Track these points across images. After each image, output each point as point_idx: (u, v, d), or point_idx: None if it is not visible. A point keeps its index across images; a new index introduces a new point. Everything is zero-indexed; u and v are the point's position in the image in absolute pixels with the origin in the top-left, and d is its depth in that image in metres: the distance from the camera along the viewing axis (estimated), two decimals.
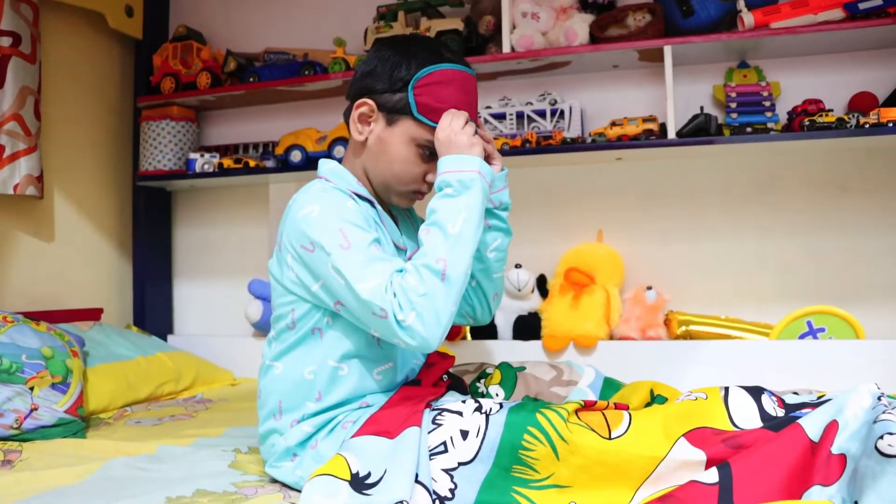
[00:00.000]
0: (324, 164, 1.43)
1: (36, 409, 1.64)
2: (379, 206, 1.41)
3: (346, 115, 1.43)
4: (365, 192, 1.39)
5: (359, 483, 1.13)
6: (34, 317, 1.90)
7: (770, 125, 2.06)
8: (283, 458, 1.32)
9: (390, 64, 1.35)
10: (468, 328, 2.29)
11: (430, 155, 1.37)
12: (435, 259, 1.21)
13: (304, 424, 1.31)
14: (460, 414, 1.22)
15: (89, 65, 2.63)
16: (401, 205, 1.45)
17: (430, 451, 1.19)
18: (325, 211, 1.27)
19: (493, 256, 1.50)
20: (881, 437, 0.96)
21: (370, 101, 1.37)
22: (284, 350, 1.34)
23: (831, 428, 1.01)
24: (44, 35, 2.38)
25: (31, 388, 1.67)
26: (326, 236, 1.24)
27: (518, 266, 2.25)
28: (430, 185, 1.39)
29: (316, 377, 1.31)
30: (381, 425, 1.22)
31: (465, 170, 1.28)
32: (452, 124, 1.31)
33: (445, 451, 1.18)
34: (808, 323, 2.06)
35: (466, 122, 1.32)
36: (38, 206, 2.39)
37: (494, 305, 1.59)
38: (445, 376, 1.44)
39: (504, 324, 2.27)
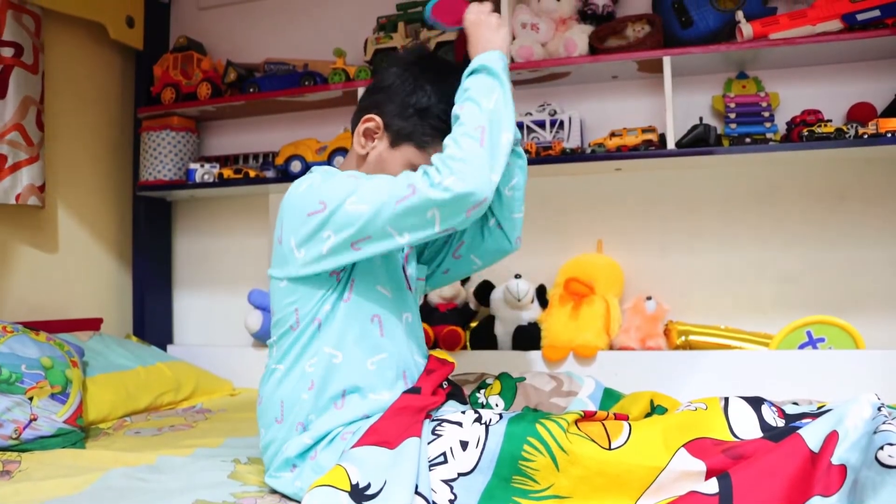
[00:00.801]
0: (319, 166, 1.43)
1: (35, 419, 1.64)
2: None
3: (354, 123, 1.44)
4: None
5: (358, 494, 1.13)
6: (34, 326, 1.90)
7: (769, 136, 2.06)
8: (283, 469, 1.32)
9: (407, 88, 1.37)
10: (468, 338, 2.29)
11: None
12: (473, 127, 1.21)
13: (305, 436, 1.30)
14: (460, 424, 1.22)
15: (90, 75, 2.64)
16: None
17: (429, 461, 1.19)
18: (328, 175, 1.30)
19: (510, 195, 1.53)
20: (881, 448, 0.96)
21: (378, 119, 1.39)
22: (287, 350, 1.34)
23: (831, 438, 1.01)
24: (46, 45, 2.39)
25: (31, 399, 1.66)
26: (337, 187, 1.25)
27: (518, 276, 2.25)
28: None
29: (315, 368, 1.31)
30: (381, 435, 1.21)
31: (492, 58, 1.31)
32: (481, 9, 1.39)
33: (445, 461, 1.18)
34: (808, 333, 2.06)
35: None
36: (39, 216, 2.39)
37: (516, 246, 1.61)
38: (445, 383, 1.43)
39: (504, 334, 2.27)
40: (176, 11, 2.90)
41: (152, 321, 2.73)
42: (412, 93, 1.37)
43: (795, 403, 1.59)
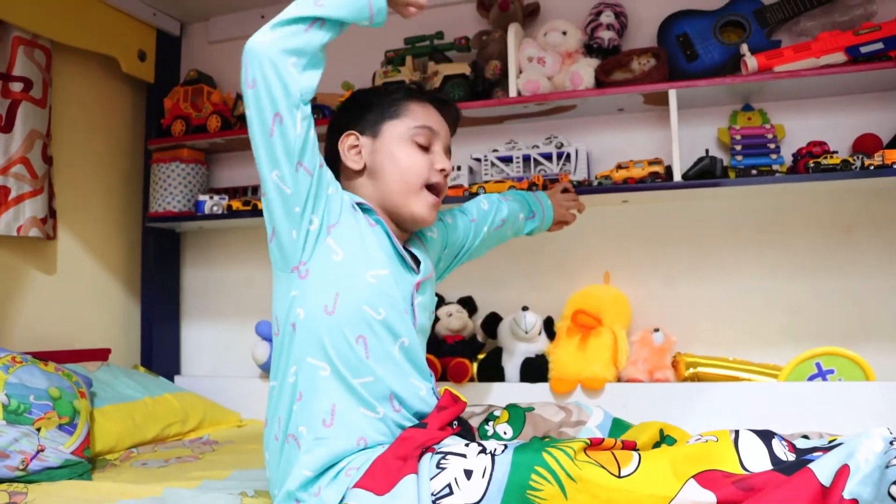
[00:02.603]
0: None
1: (42, 450, 1.64)
2: (385, 221, 1.45)
3: (331, 158, 1.50)
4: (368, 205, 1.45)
5: None
6: (42, 357, 1.91)
7: (775, 167, 2.07)
8: (286, 503, 1.31)
9: (353, 101, 1.52)
10: (475, 370, 2.28)
11: (426, 147, 1.46)
12: None
13: (304, 468, 1.28)
14: (464, 456, 1.21)
15: (101, 107, 2.67)
16: (423, 216, 1.46)
17: (434, 495, 1.18)
18: None
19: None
20: (894, 483, 0.95)
21: (351, 131, 1.48)
22: (276, 363, 1.35)
23: (843, 472, 1.00)
24: (57, 78, 2.43)
25: (39, 429, 1.66)
26: None
27: (525, 308, 2.25)
28: (442, 172, 1.47)
29: (297, 378, 1.30)
30: (374, 480, 1.20)
31: None
32: None
33: (451, 493, 1.17)
34: (817, 364, 2.05)
35: None
36: (49, 247, 2.41)
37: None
38: (455, 423, 1.42)
39: (511, 366, 2.26)
40: (187, 45, 2.94)
41: (160, 352, 2.73)
42: (359, 99, 1.52)
43: (805, 436, 1.58)
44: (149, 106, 2.78)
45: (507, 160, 2.33)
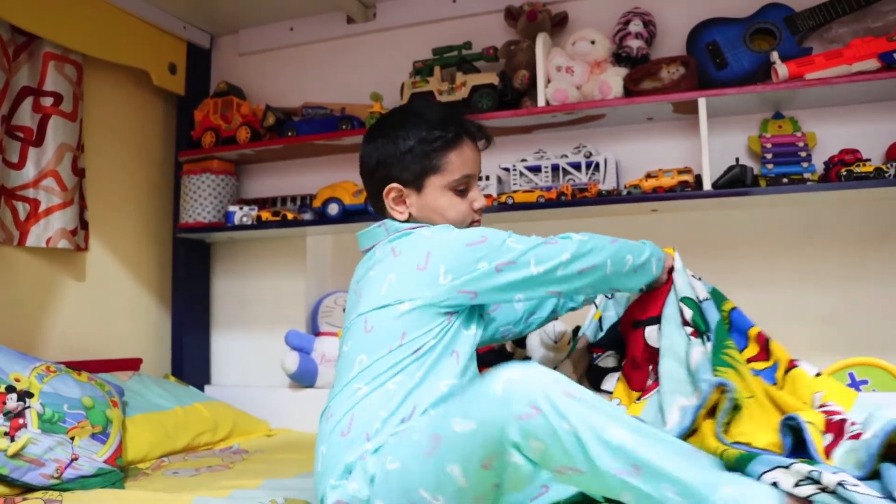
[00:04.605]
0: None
1: (76, 458, 1.66)
2: None
3: (376, 205, 1.56)
4: None
5: None
6: (75, 367, 1.93)
7: (806, 175, 2.05)
8: (343, 477, 1.32)
9: (390, 149, 1.51)
10: None
11: (463, 190, 1.52)
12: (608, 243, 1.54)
13: (368, 444, 1.35)
14: None
15: (133, 120, 2.71)
16: None
17: None
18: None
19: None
20: None
21: (394, 184, 1.51)
22: (378, 371, 1.41)
23: None
24: (89, 91, 2.47)
25: (72, 438, 1.68)
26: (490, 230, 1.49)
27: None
28: (480, 209, 1.55)
29: (398, 387, 1.41)
30: None
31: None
32: None
33: None
34: (851, 375, 2.01)
35: None
36: (81, 258, 2.45)
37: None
38: None
39: None
40: (217, 58, 2.98)
41: (190, 361, 2.76)
42: (395, 146, 1.50)
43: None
44: (179, 118, 2.82)
45: (535, 170, 2.33)
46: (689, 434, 1.41)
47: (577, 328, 2.30)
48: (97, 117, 2.53)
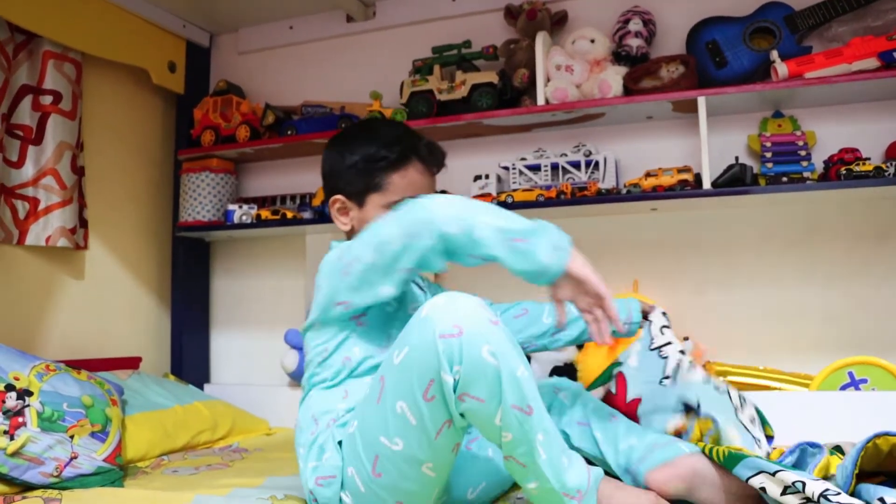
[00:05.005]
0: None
1: (76, 457, 1.66)
2: None
3: (329, 212, 1.61)
4: None
5: None
6: (75, 365, 1.93)
7: (806, 174, 2.05)
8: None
9: (338, 159, 1.56)
10: None
11: None
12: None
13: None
14: None
15: (132, 118, 2.71)
16: None
17: None
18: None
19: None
20: None
21: (339, 196, 1.56)
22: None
23: None
24: (88, 90, 2.47)
25: (72, 437, 1.68)
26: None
27: None
28: None
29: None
30: None
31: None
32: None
33: None
34: (850, 374, 2.02)
35: None
36: (80, 257, 2.45)
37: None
38: None
39: (540, 374, 2.25)
40: (216, 56, 2.98)
41: (190, 360, 2.76)
42: (342, 159, 1.55)
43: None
44: (178, 116, 2.81)
45: (535, 168, 2.33)
46: None
47: None
48: (96, 116, 2.53)
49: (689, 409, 1.54)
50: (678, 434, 1.50)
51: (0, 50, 2.17)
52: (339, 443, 1.33)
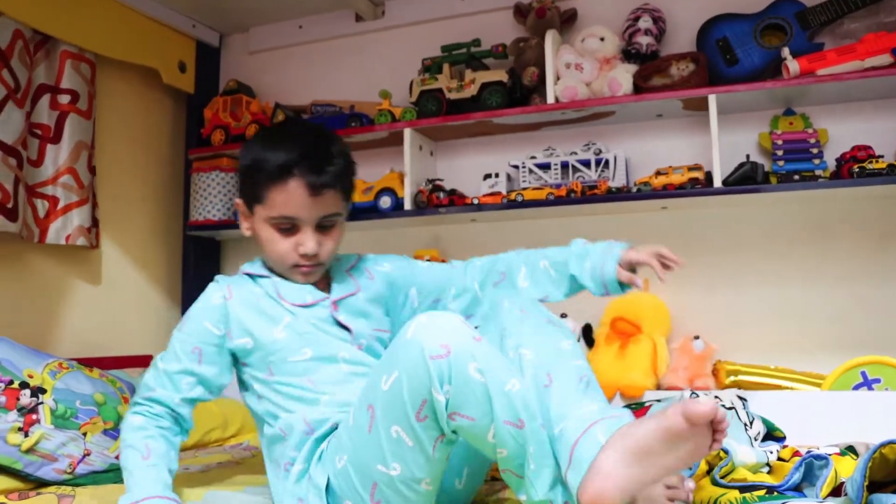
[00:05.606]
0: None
1: (89, 454, 1.67)
2: (277, 278, 1.53)
3: None
4: (260, 271, 1.55)
5: None
6: (87, 363, 1.94)
7: (818, 172, 2.04)
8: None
9: (240, 160, 1.51)
10: None
11: (289, 229, 1.45)
12: None
13: None
14: None
15: (143, 118, 2.72)
16: (300, 281, 1.52)
17: None
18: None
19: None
20: None
21: (239, 201, 1.53)
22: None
23: None
24: (100, 90, 2.47)
25: (85, 434, 1.69)
26: None
27: (563, 315, 2.24)
28: (306, 255, 1.46)
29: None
30: None
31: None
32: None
33: None
34: (863, 373, 2.01)
35: None
36: (92, 255, 2.46)
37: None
38: None
39: None
40: (226, 56, 2.99)
41: None
42: (241, 161, 1.51)
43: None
44: (189, 116, 2.82)
45: (545, 167, 2.33)
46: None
47: (588, 325, 2.30)
48: (108, 116, 2.54)
49: None
50: None
51: (23, 49, 2.18)
52: (327, 485, 1.29)
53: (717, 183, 2.07)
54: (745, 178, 2.06)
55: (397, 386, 1.14)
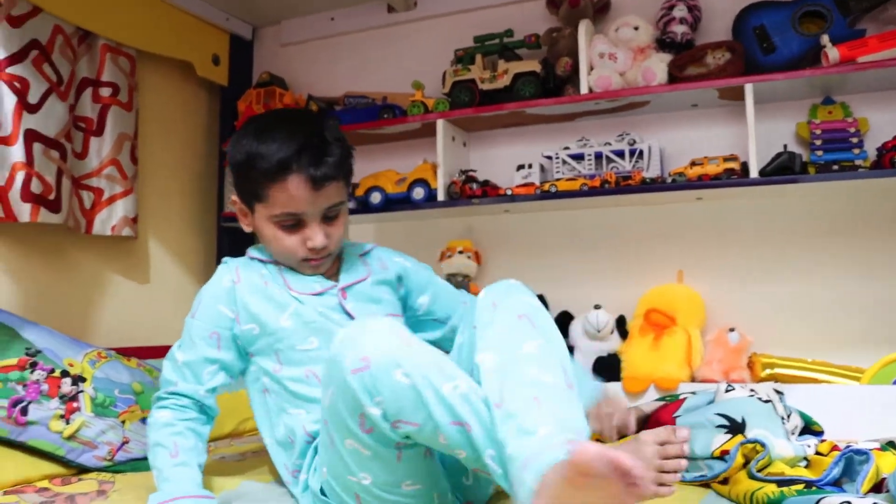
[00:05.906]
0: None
1: (127, 441, 1.70)
2: (276, 266, 1.51)
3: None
4: (267, 257, 1.51)
5: None
6: (126, 353, 1.97)
7: (858, 162, 2.01)
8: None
9: (232, 155, 1.45)
10: None
11: (294, 225, 1.42)
12: None
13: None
14: None
15: (178, 111, 2.75)
16: (310, 273, 1.50)
17: None
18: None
19: None
20: None
21: (235, 198, 1.49)
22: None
23: None
24: (138, 84, 2.50)
25: (123, 422, 1.72)
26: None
27: (597, 307, 2.23)
28: (315, 249, 1.43)
29: None
30: None
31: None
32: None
33: None
34: None
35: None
36: (131, 246, 2.49)
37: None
38: None
39: (584, 365, 2.24)
40: (259, 48, 3.00)
41: None
42: (233, 157, 1.44)
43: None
44: (223, 108, 2.85)
45: (578, 158, 2.32)
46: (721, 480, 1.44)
47: (622, 317, 2.29)
48: (146, 109, 2.57)
49: (734, 428, 1.52)
50: (721, 455, 1.47)
51: (65, 43, 2.21)
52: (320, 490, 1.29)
53: (754, 173, 2.04)
54: (783, 169, 2.03)
55: (334, 403, 1.12)
